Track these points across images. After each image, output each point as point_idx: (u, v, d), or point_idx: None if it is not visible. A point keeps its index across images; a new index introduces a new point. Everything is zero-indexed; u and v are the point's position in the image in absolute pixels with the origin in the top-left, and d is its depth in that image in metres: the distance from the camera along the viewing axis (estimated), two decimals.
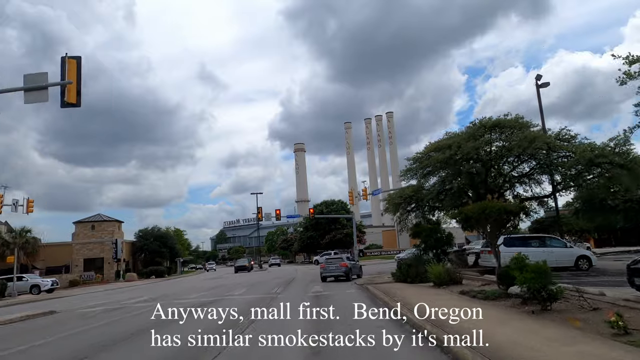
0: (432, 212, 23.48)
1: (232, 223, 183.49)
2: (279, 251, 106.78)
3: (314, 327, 8.70)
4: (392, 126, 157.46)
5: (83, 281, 44.61)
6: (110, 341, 8.79)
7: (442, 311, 8.98)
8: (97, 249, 53.34)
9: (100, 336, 9.59)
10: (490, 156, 19.32)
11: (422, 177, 21.95)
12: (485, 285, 13.13)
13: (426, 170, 21.67)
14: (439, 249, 19.35)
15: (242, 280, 30.42)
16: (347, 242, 74.73)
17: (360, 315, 10.13)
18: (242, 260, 58.64)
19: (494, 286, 12.09)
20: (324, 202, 76.07)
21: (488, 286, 12.78)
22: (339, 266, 22.60)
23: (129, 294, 24.52)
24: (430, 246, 19.53)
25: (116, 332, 9.97)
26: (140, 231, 64.05)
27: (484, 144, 19.13)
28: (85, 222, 54.52)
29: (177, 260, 66.64)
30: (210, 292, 20.47)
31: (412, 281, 16.98)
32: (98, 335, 9.86)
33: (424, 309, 9.43)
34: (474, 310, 8.80)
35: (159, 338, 8.34)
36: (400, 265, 18.65)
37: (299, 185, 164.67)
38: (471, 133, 20.22)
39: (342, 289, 17.39)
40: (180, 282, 37.06)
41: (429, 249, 19.59)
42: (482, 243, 45.50)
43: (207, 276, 44.11)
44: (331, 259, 24.04)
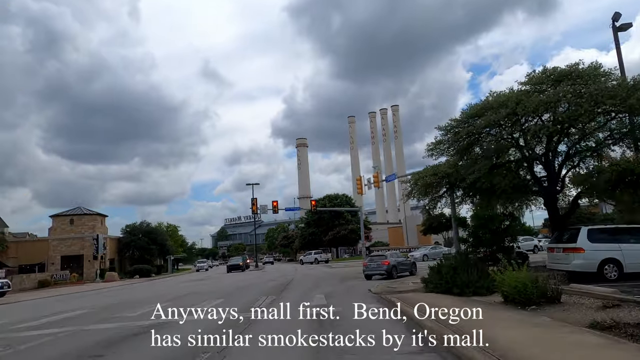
0: (475, 196, 17.91)
1: (233, 220, 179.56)
2: (280, 249, 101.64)
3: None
4: (398, 120, 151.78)
5: (55, 281, 39.38)
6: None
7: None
8: (76, 246, 48.12)
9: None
10: (563, 116, 13.74)
11: (462, 150, 16.44)
12: (615, 308, 7.64)
13: (465, 141, 16.17)
14: (498, 245, 13.71)
15: (227, 283, 25.06)
16: (351, 239, 69.19)
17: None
18: (236, 259, 53.02)
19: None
20: (327, 197, 70.60)
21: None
22: (380, 264, 21.07)
23: (76, 302, 19.19)
24: (486, 242, 13.81)
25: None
26: (128, 226, 58.90)
27: (557, 96, 13.56)
28: (63, 216, 49.26)
29: (168, 258, 61.38)
30: (173, 302, 15.09)
31: (461, 293, 11.48)
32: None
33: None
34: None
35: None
36: (439, 269, 13.12)
37: (301, 181, 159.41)
38: (531, 88, 14.73)
39: (355, 300, 12.07)
40: (156, 284, 31.72)
41: (484, 245, 13.93)
42: (550, 238, 39.92)
43: (193, 277, 38.66)
44: (374, 257, 22.87)
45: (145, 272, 48.20)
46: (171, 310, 12.43)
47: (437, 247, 40.63)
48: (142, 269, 48.19)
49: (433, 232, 60.46)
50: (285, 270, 35.46)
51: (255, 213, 38.40)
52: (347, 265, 40.61)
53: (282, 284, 20.96)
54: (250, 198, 38.72)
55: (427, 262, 36.73)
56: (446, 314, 8.19)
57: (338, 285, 18.80)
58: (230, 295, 15.87)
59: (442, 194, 18.10)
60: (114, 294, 23.77)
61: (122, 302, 16.82)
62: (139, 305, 14.65)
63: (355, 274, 26.51)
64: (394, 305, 10.72)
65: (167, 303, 14.82)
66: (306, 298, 13.84)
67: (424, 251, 38.76)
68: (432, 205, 18.53)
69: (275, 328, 8.28)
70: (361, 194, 31.40)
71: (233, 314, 10.72)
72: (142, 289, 25.89)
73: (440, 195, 18.22)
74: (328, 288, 17.51)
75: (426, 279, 14.33)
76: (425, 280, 14.26)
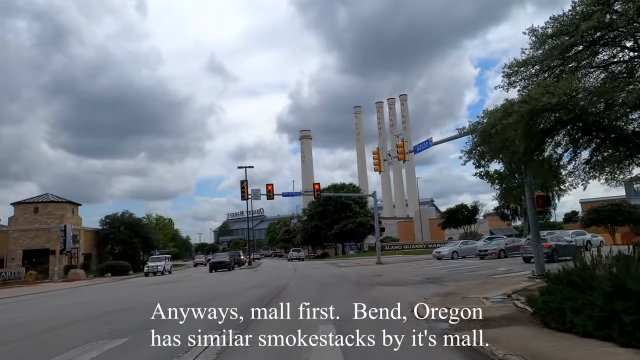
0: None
1: (235, 215, 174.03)
2: (281, 244, 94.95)
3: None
4: (406, 110, 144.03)
5: (4, 280, 32.64)
6: None
7: None
8: (41, 238, 41.50)
9: None
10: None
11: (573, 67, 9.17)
12: None
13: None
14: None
15: (191, 292, 18.03)
16: (359, 234, 61.93)
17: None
18: (222, 255, 44.59)
19: None
20: (333, 186, 63.34)
21: None
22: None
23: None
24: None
25: None
26: (107, 217, 52.23)
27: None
28: (26, 204, 42.57)
29: (153, 254, 54.55)
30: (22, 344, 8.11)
31: (632, 342, 4.32)
32: None
33: None
34: None
35: None
36: (573, 281, 5.97)
37: (305, 175, 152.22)
38: None
39: (393, 333, 5.19)
40: (115, 288, 24.67)
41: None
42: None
43: (167, 278, 31.47)
44: None
45: (120, 269, 41.30)
46: None
47: (469, 242, 33.40)
48: (115, 266, 41.28)
49: (454, 225, 53.72)
50: (283, 270, 28.46)
51: (246, 198, 31.41)
52: (358, 264, 33.54)
53: (270, 293, 13.94)
54: (244, 184, 31.66)
55: (457, 260, 29.70)
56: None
57: (355, 296, 11.81)
58: (156, 326, 8.75)
59: (552, 144, 10.28)
60: (35, 303, 16.89)
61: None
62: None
63: (371, 276, 19.52)
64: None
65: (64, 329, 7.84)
66: (303, 328, 6.93)
67: (452, 247, 31.61)
68: (527, 168, 11.04)
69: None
70: (379, 171, 24.30)
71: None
72: (67, 298, 18.97)
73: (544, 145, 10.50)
74: (340, 302, 10.51)
75: (536, 300, 7.25)
76: (536, 303, 7.17)
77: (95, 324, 9.61)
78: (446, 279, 16.43)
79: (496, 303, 9.25)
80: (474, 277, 16.64)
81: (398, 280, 16.85)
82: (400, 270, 23.41)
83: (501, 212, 50.28)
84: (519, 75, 10.65)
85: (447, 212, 51.74)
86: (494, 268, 20.19)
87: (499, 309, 8.55)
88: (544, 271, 13.25)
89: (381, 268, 26.15)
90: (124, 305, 13.32)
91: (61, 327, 9.67)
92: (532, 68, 10.50)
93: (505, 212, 49.52)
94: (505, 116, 9.00)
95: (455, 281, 15.48)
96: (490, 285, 12.63)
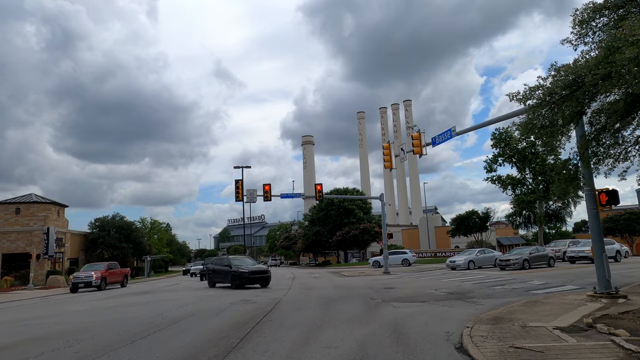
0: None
1: (236, 221, 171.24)
2: (281, 251, 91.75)
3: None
4: (410, 116, 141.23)
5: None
6: None
7: None
8: (22, 241, 38.65)
9: None
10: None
11: None
12: None
13: None
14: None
15: (149, 314, 15.11)
16: (362, 241, 58.70)
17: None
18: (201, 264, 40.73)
19: None
20: (335, 190, 60.41)
21: None
22: None
23: None
24: None
25: None
26: (97, 220, 49.38)
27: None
28: (7, 204, 39.75)
29: (145, 259, 51.65)
30: None
31: None
32: None
33: None
34: None
35: None
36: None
37: (307, 181, 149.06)
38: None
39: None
40: (88, 299, 21.67)
41: None
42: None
43: (143, 289, 28.13)
44: None
45: None
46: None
47: (487, 250, 30.33)
48: None
49: (464, 233, 50.60)
50: (279, 281, 25.47)
51: (240, 200, 28.54)
52: (363, 273, 30.50)
53: (249, 320, 10.83)
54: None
55: (474, 270, 26.66)
56: None
57: (367, 318, 8.89)
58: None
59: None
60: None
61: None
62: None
63: (381, 288, 16.54)
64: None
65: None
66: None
67: (468, 256, 28.51)
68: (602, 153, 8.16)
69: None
70: (390, 169, 21.43)
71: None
72: (13, 314, 16.08)
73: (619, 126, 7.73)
74: (350, 336, 7.55)
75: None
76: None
77: None
78: (475, 294, 13.48)
79: (580, 338, 6.33)
80: (509, 292, 13.68)
81: (415, 295, 13.90)
82: (413, 281, 20.42)
83: (513, 219, 47.15)
84: (596, 23, 7.82)
85: (456, 219, 48.59)
86: (526, 281, 17.21)
87: (594, 350, 5.64)
88: (610, 288, 10.31)
89: (390, 279, 23.16)
90: (60, 330, 10.38)
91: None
92: (614, 14, 7.68)
93: (518, 219, 46.39)
94: (608, 55, 6.08)
95: (487, 297, 12.54)
96: (544, 306, 9.67)
